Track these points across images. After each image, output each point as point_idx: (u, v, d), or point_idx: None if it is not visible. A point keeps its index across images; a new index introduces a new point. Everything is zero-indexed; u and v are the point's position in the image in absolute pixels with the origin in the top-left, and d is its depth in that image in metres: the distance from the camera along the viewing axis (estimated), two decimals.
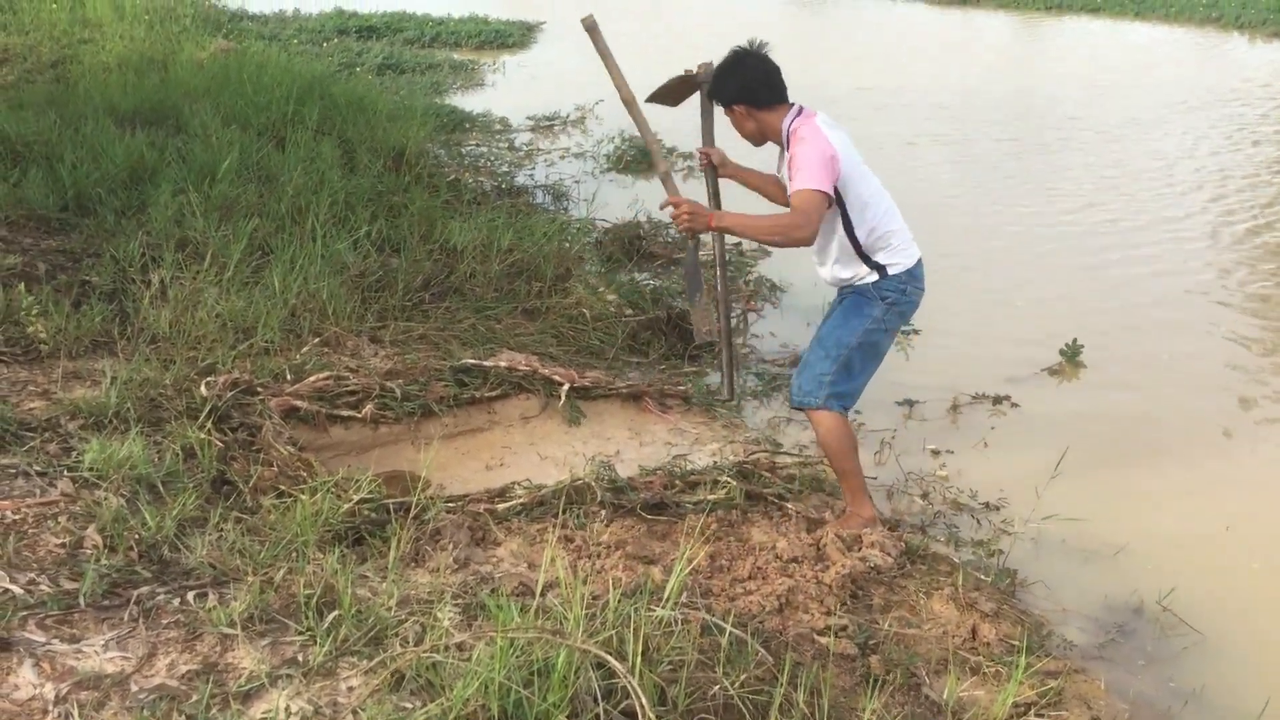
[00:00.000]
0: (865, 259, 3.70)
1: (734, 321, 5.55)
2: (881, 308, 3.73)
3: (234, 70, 8.64)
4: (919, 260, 3.78)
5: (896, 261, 3.71)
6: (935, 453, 4.56)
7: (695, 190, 7.87)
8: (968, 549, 3.86)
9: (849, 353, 3.72)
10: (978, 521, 4.06)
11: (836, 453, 3.77)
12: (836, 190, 3.55)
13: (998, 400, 5.02)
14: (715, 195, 4.01)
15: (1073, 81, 13.47)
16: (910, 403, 4.96)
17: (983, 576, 3.61)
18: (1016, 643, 3.10)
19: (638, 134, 9.50)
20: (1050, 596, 3.63)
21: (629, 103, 4.03)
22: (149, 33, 11.39)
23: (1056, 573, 3.76)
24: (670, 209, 3.66)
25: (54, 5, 12.27)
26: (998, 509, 4.15)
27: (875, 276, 3.72)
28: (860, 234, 3.66)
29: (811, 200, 3.45)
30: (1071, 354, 5.47)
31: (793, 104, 3.69)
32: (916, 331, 5.73)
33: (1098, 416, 4.97)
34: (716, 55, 3.78)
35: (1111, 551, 3.89)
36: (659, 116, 4.13)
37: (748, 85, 3.65)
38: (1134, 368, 5.51)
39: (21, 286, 4.23)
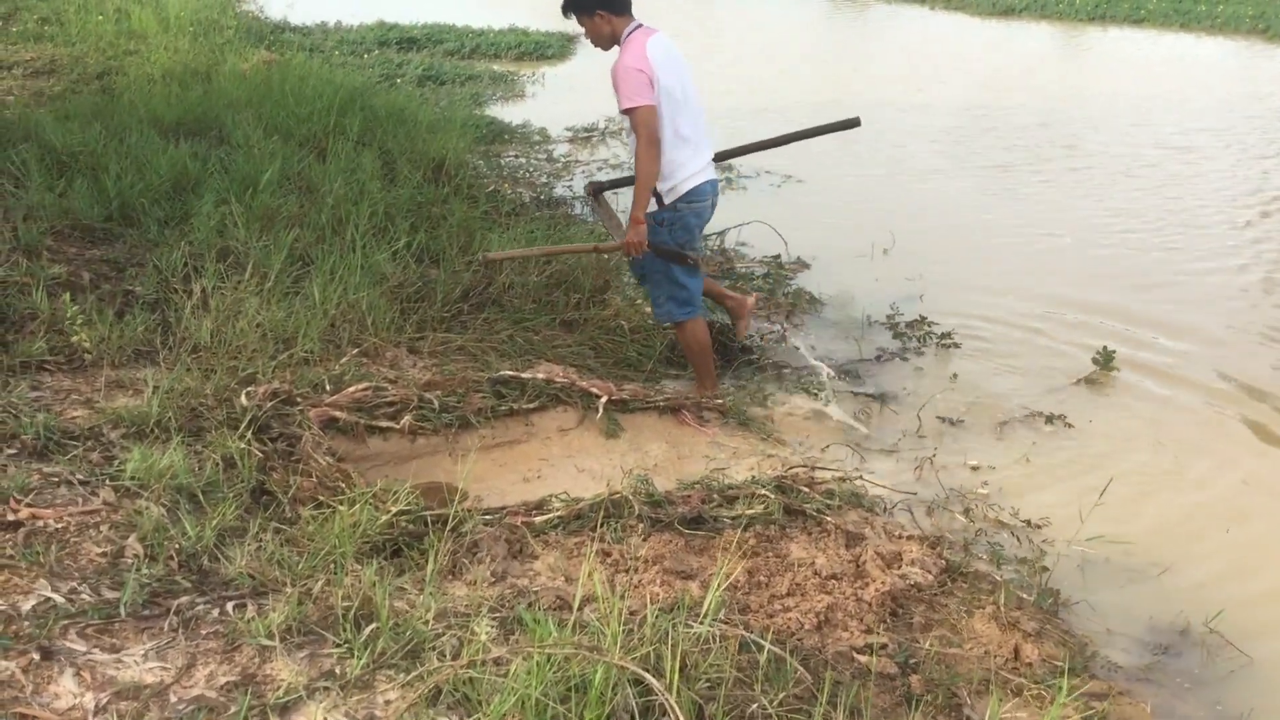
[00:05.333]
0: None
1: (777, 334, 5.70)
2: (663, 232, 4.52)
3: (276, 81, 8.70)
4: (703, 184, 4.48)
5: (673, 188, 4.43)
6: (975, 468, 4.51)
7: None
8: (1010, 567, 3.80)
9: (663, 272, 4.59)
10: (1019, 540, 4.01)
11: (697, 351, 4.76)
12: None
13: (1050, 420, 4.94)
14: (613, 217, 5.04)
15: (1122, 94, 13.31)
16: (951, 421, 4.91)
17: (1025, 596, 3.55)
18: (1060, 664, 3.05)
19: None
20: (1094, 617, 3.57)
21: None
22: (193, 44, 11.50)
23: (1100, 593, 3.70)
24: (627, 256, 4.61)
25: (100, 17, 12.43)
26: (1039, 527, 4.09)
27: (654, 206, 4.44)
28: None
29: (643, 115, 4.21)
30: (1105, 360, 5.39)
31: (635, 19, 4.39)
32: (957, 345, 5.69)
33: (1139, 429, 4.91)
34: (751, 60, 3.86)
35: (1157, 571, 3.82)
36: None
37: None
38: (1176, 378, 5.43)
39: (66, 296, 4.27)
